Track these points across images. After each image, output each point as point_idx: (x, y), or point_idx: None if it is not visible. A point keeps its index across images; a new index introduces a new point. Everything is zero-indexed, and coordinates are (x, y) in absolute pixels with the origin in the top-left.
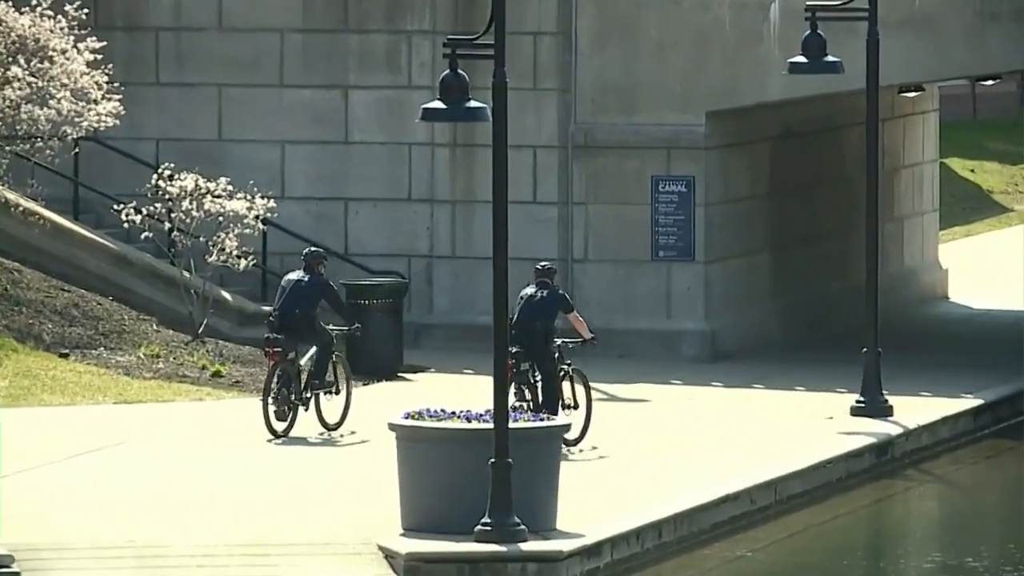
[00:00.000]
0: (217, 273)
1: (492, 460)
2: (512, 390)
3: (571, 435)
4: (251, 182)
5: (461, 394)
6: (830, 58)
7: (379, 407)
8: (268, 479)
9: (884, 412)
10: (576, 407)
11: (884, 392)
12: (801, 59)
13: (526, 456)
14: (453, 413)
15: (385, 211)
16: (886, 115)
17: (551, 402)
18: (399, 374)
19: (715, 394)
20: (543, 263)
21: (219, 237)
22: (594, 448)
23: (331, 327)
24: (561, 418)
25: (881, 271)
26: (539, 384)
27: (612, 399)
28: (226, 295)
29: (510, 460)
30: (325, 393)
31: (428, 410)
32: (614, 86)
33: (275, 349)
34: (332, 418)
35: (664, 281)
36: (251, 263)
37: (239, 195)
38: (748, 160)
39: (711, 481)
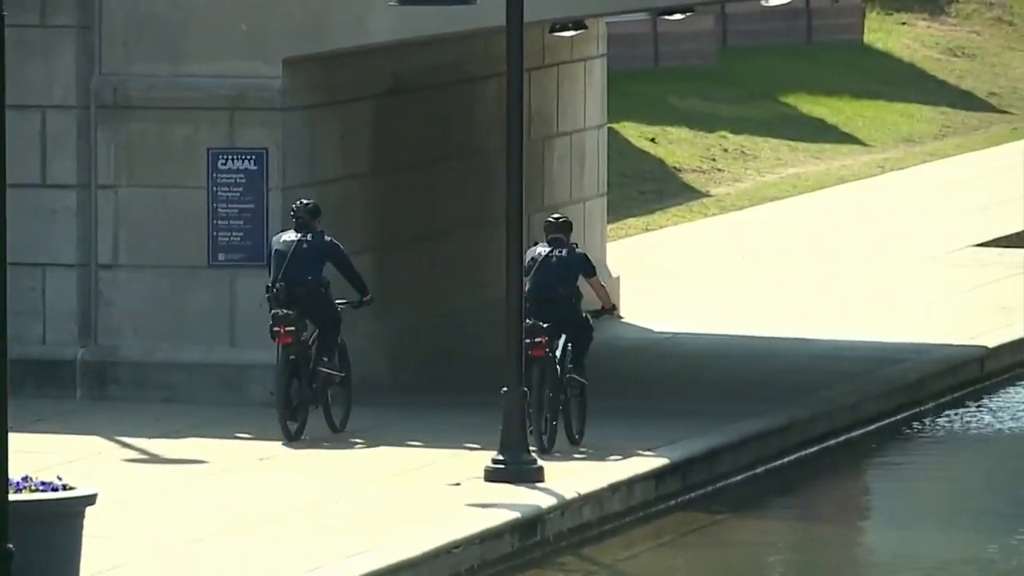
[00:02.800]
0: None
1: None
2: (540, 379)
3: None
4: None
5: None
6: None
7: None
8: None
9: (532, 476)
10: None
11: (531, 449)
12: None
13: (35, 541)
14: None
15: None
16: (534, 63)
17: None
18: None
19: (298, 452)
20: (556, 215)
21: None
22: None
23: (337, 301)
24: (85, 487)
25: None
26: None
27: (152, 460)
28: None
29: (11, 547)
30: (332, 383)
31: None
32: (155, 22)
33: (287, 328)
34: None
35: (226, 295)
36: None
37: None
38: (343, 126)
39: None
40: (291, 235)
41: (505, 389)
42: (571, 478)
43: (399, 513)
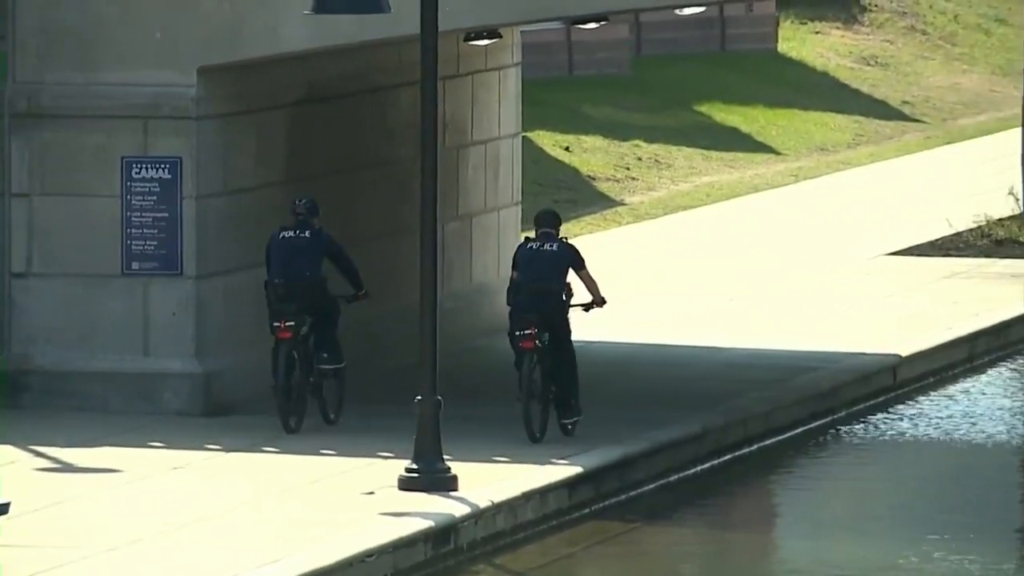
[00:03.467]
0: None
1: None
2: (530, 370)
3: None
4: None
5: None
6: None
7: None
8: None
9: (445, 485)
10: None
11: (446, 457)
12: None
13: None
14: None
15: None
16: (448, 72)
17: (570, 390)
18: None
19: (212, 461)
20: (546, 208)
21: None
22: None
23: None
24: None
25: (442, 289)
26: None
27: (65, 469)
28: None
29: None
30: (327, 376)
31: None
32: (68, 31)
33: (287, 323)
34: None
35: (140, 304)
36: None
37: None
38: (257, 135)
39: None
40: (291, 232)
41: (419, 398)
42: (485, 486)
43: (313, 521)
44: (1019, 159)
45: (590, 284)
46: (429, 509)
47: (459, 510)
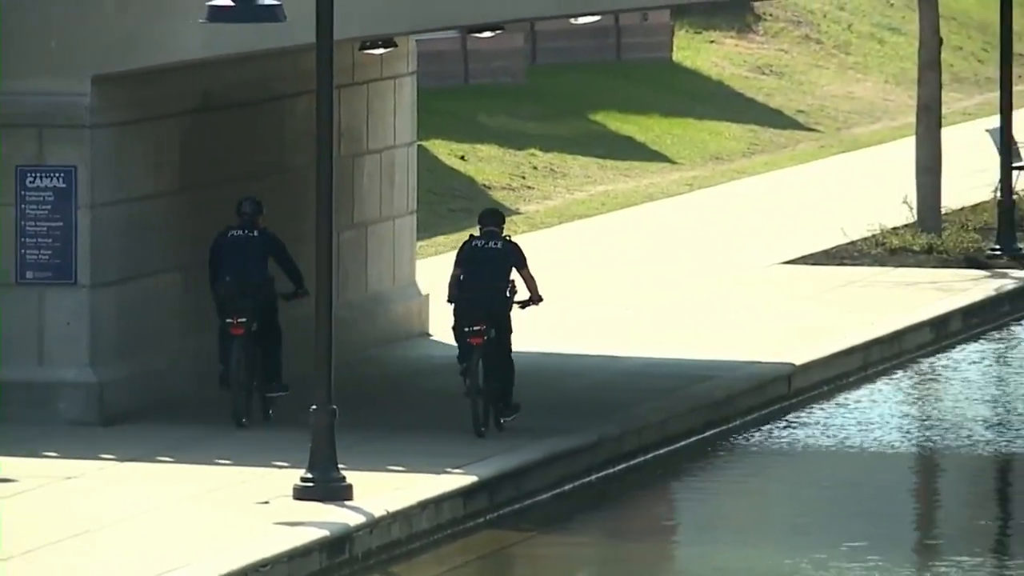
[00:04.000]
0: None
1: None
2: (476, 365)
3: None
4: None
5: None
6: (267, 1)
7: None
8: None
9: (340, 494)
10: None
11: (340, 466)
12: (226, 2)
13: None
14: None
15: None
16: (343, 81)
17: (508, 386)
18: None
19: (106, 471)
20: (490, 208)
21: None
22: None
23: None
24: None
25: (336, 298)
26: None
27: None
28: None
29: None
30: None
31: None
32: None
33: (239, 320)
34: None
35: (34, 313)
36: None
37: None
38: (153, 143)
39: None
40: (238, 231)
41: (314, 407)
42: (380, 495)
43: (208, 531)
44: (913, 168)
45: (530, 282)
46: (324, 518)
47: (354, 519)
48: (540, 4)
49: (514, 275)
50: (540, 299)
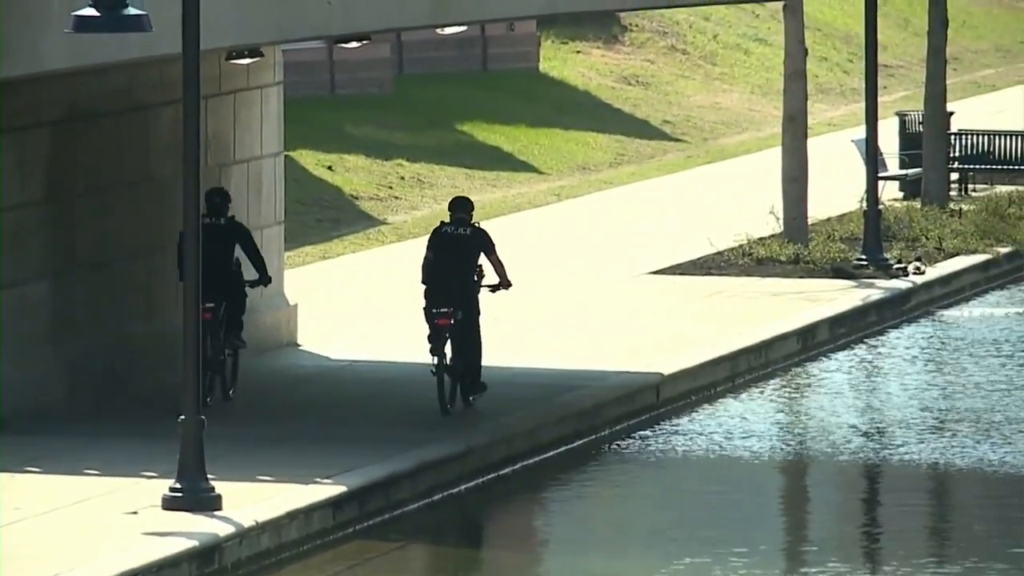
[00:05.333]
0: None
1: None
2: (447, 351)
3: None
4: None
5: None
6: (132, 11)
7: None
8: None
9: (209, 504)
10: None
11: (210, 476)
12: (91, 12)
13: None
14: None
15: None
16: (210, 90)
17: (476, 366)
18: None
19: None
20: (460, 195)
21: None
22: None
23: None
24: None
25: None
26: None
27: None
28: None
29: None
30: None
31: None
32: None
33: (207, 305)
34: None
35: None
36: None
37: None
38: (19, 153)
39: None
40: (207, 219)
41: (182, 417)
42: (249, 505)
43: (76, 542)
44: (779, 178)
45: (499, 267)
46: (193, 529)
47: (223, 529)
48: (410, 14)
49: (483, 260)
50: (509, 284)
